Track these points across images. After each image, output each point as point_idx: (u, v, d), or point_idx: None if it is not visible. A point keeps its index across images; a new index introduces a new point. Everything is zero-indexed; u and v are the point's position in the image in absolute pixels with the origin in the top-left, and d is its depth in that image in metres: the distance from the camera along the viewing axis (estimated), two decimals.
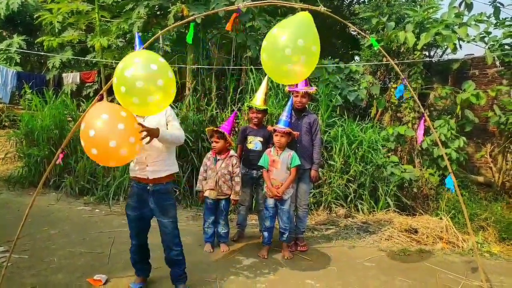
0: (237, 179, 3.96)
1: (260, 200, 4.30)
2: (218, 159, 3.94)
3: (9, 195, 5.69)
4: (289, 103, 3.88)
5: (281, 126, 3.75)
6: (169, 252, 2.98)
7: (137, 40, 3.36)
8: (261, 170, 3.95)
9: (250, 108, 4.32)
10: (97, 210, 5.19)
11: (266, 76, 4.53)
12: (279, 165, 3.78)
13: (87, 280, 3.17)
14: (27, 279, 3.17)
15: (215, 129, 3.92)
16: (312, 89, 4.07)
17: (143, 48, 2.73)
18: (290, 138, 3.81)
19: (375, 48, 3.22)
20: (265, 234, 3.93)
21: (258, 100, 4.22)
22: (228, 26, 3.05)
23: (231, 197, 3.97)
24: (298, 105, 4.02)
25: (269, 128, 4.02)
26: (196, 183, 4.59)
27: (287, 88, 4.28)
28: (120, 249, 3.85)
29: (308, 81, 4.10)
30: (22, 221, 2.83)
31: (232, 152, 4.04)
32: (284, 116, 3.79)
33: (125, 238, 4.16)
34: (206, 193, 3.95)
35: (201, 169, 4.04)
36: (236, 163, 3.98)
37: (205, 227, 4.04)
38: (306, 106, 4.20)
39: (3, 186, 6.11)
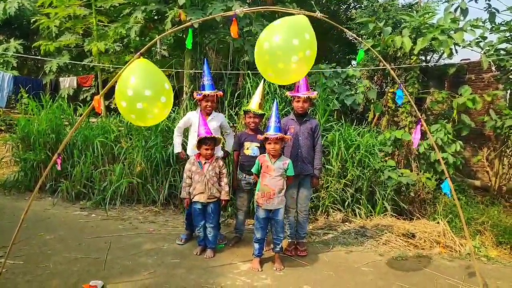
0: (226, 180, 3.96)
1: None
2: (205, 163, 3.90)
3: (4, 200, 5.65)
4: (274, 107, 3.70)
5: (272, 133, 3.61)
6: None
7: (205, 69, 4.17)
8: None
9: (246, 112, 4.25)
10: (93, 215, 5.16)
11: (262, 80, 4.53)
12: (272, 172, 3.65)
13: (83, 286, 3.14)
14: (22, 285, 3.14)
15: (208, 136, 3.79)
16: (314, 94, 4.01)
17: (140, 54, 2.73)
18: (283, 144, 3.74)
19: (358, 62, 3.30)
20: (256, 246, 3.73)
21: (254, 104, 4.19)
22: (235, 34, 3.05)
23: (222, 197, 3.94)
24: (299, 110, 3.98)
25: (259, 137, 3.81)
26: None
27: (287, 93, 4.26)
28: (116, 255, 3.83)
29: (309, 86, 4.07)
30: (18, 226, 2.81)
31: (216, 154, 4.03)
32: (273, 122, 3.63)
33: (122, 243, 4.16)
34: (196, 198, 3.89)
35: (184, 175, 3.98)
36: (222, 165, 3.98)
37: (197, 231, 4.01)
38: (307, 111, 4.16)
39: None
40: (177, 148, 4.40)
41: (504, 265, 4.14)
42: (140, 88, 2.75)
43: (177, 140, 4.42)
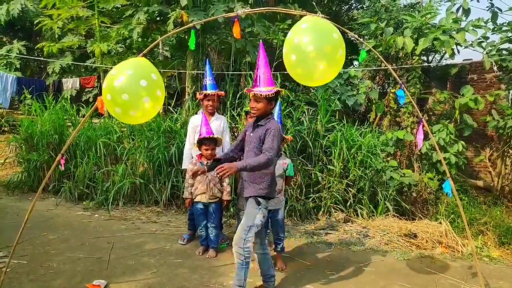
0: (228, 180, 3.99)
1: None
2: (207, 163, 3.91)
3: (8, 200, 5.69)
4: (276, 108, 3.59)
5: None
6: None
7: (207, 69, 4.17)
8: None
9: (248, 113, 4.28)
10: (96, 215, 5.18)
11: None
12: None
13: (86, 286, 3.16)
14: (26, 284, 3.17)
15: (207, 137, 3.79)
16: (265, 92, 2.88)
17: (143, 55, 2.75)
18: (284, 144, 3.75)
19: (360, 62, 3.29)
20: None
21: None
22: (237, 35, 3.05)
23: (223, 197, 3.98)
24: (253, 112, 3.04)
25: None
26: None
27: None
28: (119, 254, 3.85)
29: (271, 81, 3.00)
30: (22, 226, 2.83)
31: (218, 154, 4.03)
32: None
33: (124, 243, 4.18)
34: (198, 198, 3.92)
35: (187, 175, 4.00)
36: None
37: (199, 231, 4.03)
38: (272, 112, 3.11)
39: (2, 191, 6.11)
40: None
41: (506, 265, 4.14)
42: (122, 68, 2.58)
43: (187, 156, 4.26)
